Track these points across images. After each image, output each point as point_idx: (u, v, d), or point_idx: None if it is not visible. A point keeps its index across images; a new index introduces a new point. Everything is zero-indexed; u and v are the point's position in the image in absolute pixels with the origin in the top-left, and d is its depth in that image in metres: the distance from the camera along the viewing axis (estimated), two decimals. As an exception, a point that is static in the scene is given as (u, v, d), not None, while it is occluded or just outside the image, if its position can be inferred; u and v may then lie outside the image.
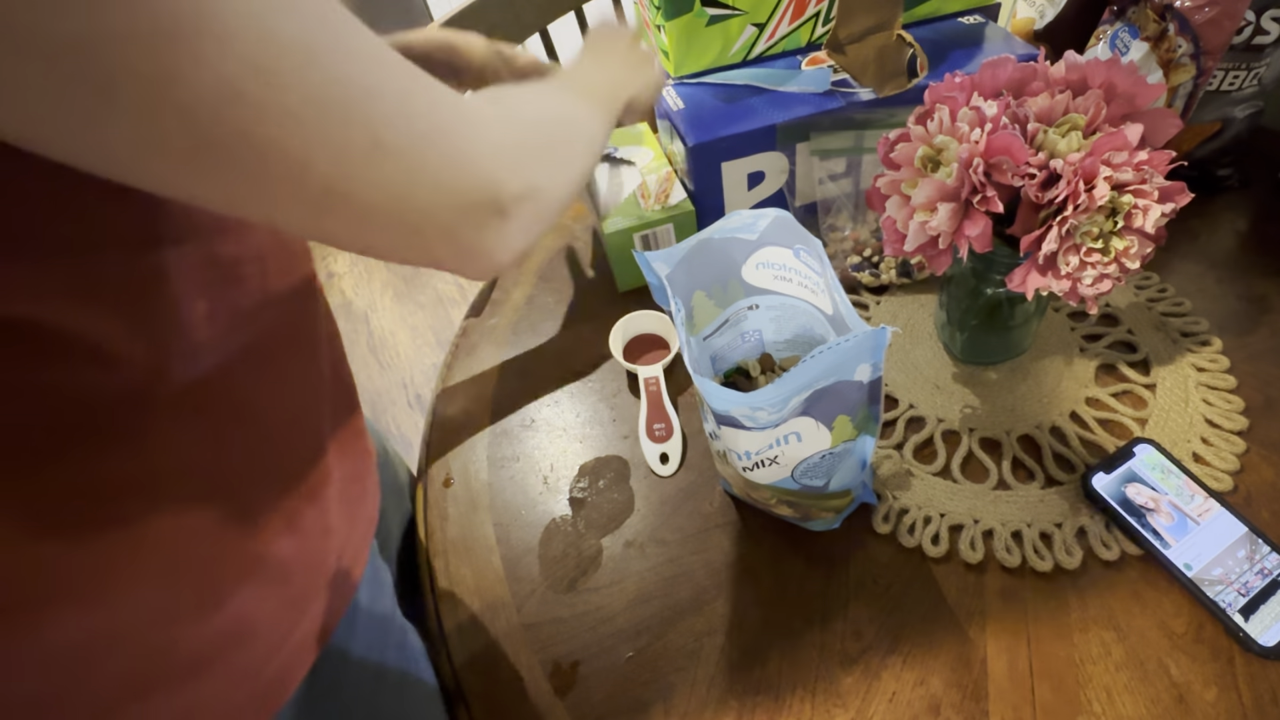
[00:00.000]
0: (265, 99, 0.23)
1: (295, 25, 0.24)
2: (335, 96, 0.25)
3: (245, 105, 0.23)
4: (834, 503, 0.52)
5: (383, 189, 0.27)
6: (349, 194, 0.26)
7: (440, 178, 0.29)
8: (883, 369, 0.42)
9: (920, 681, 0.47)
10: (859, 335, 0.39)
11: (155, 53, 0.21)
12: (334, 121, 0.25)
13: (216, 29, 0.22)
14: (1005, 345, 0.63)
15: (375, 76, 0.26)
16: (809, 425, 0.43)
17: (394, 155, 0.27)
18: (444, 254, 0.31)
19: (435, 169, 0.28)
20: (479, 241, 0.31)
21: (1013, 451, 0.58)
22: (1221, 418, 0.58)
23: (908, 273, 0.71)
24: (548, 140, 0.36)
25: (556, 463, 0.63)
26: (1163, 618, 0.48)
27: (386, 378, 1.74)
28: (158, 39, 0.21)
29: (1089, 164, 0.44)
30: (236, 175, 0.24)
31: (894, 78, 0.69)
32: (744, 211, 0.50)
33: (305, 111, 0.24)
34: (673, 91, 0.74)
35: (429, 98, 0.28)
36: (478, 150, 0.30)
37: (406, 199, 0.28)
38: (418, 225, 0.29)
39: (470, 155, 0.30)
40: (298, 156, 0.25)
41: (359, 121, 0.26)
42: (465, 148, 0.29)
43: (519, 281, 0.80)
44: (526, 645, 0.52)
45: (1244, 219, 0.74)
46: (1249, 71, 0.70)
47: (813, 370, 0.40)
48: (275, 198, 0.26)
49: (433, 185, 0.28)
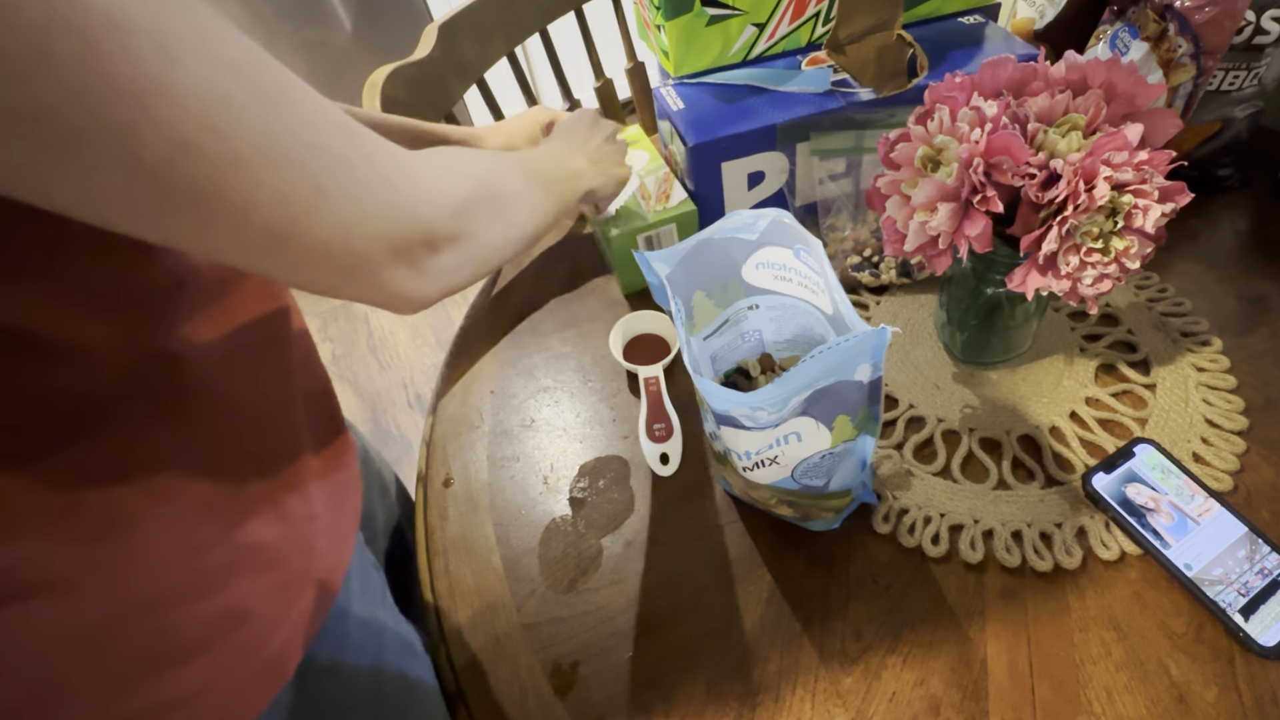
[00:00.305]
0: (218, 151, 0.25)
1: (245, 84, 0.26)
2: (281, 148, 0.27)
3: (198, 158, 0.25)
4: (834, 503, 0.52)
5: (324, 231, 0.29)
6: (290, 236, 0.29)
7: (378, 220, 0.31)
8: (883, 369, 0.42)
9: (920, 681, 0.47)
10: (859, 335, 0.39)
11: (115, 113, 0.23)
12: (280, 171, 0.27)
13: (174, 92, 0.24)
14: (1005, 345, 0.63)
15: (317, 129, 0.29)
16: (809, 425, 0.43)
17: (335, 200, 0.29)
18: (373, 291, 0.33)
19: (373, 213, 0.31)
20: (407, 281, 0.33)
21: (1013, 451, 0.58)
22: (1222, 418, 0.58)
23: (908, 273, 0.71)
24: (484, 194, 0.39)
25: (556, 463, 0.63)
26: (1163, 618, 0.48)
27: (386, 378, 1.74)
28: (117, 100, 0.23)
29: (1089, 164, 0.44)
30: (183, 219, 0.26)
31: (894, 78, 0.69)
32: (744, 211, 0.50)
33: (253, 162, 0.26)
34: (673, 91, 0.74)
35: (366, 148, 0.31)
36: (413, 194, 0.33)
37: (346, 240, 0.30)
38: (353, 265, 0.31)
39: (406, 199, 0.32)
40: (243, 202, 0.27)
41: (303, 170, 0.28)
42: (402, 192, 0.32)
43: (519, 282, 0.80)
44: (526, 645, 0.52)
45: (1244, 219, 0.74)
46: (1249, 71, 0.70)
47: (813, 370, 0.40)
48: (218, 239, 0.28)
49: (370, 227, 0.31)
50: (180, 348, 0.34)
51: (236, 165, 0.26)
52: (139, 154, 0.24)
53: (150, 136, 0.24)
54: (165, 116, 0.24)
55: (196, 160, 0.25)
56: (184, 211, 0.26)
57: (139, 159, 0.24)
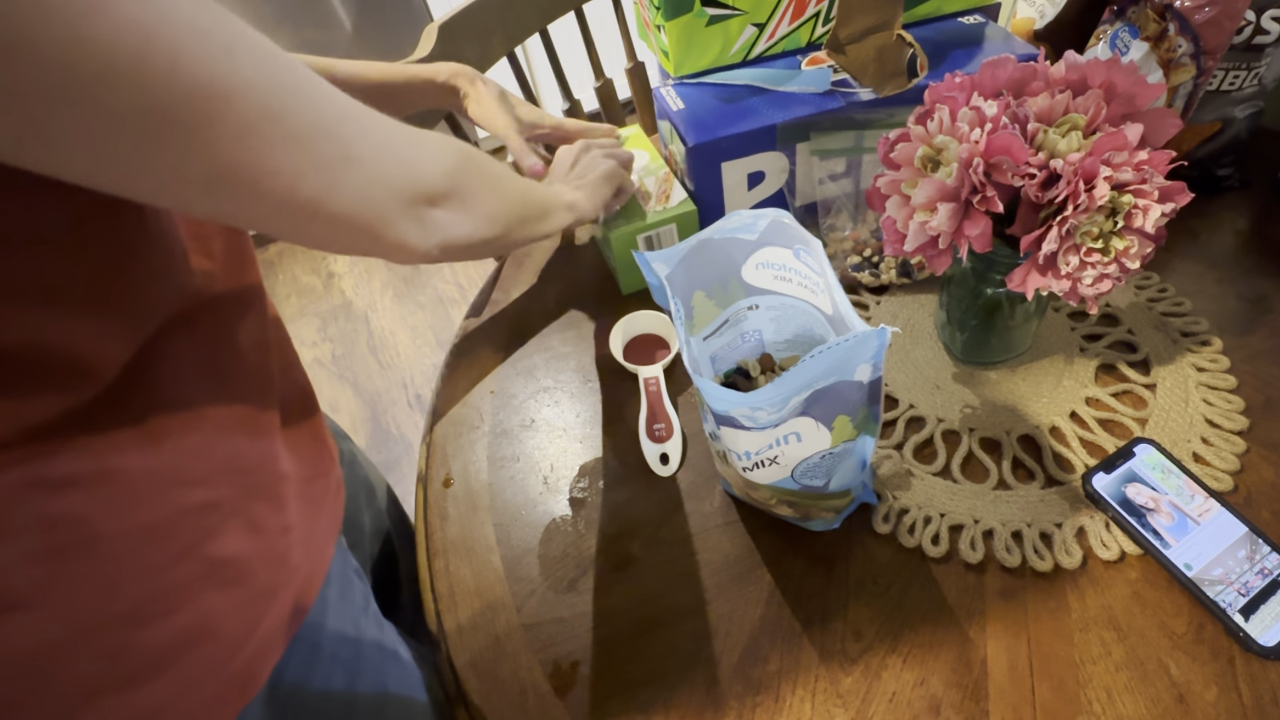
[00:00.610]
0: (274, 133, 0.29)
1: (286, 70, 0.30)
2: (322, 123, 0.31)
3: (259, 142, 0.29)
4: (834, 503, 0.52)
5: (352, 193, 0.33)
6: (327, 201, 0.32)
7: (392, 179, 0.35)
8: (883, 369, 0.42)
9: (920, 682, 0.47)
10: (858, 335, 0.39)
11: (199, 107, 0.26)
12: (320, 142, 0.31)
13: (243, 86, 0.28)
14: (1005, 345, 0.63)
15: (337, 103, 0.33)
16: (809, 425, 0.43)
17: (359, 164, 0.33)
18: (385, 245, 0.36)
19: (389, 172, 0.35)
20: (412, 233, 0.37)
21: (1013, 451, 0.58)
22: (1222, 417, 0.58)
23: (908, 273, 0.71)
24: (471, 164, 0.42)
25: (556, 463, 0.63)
26: (1163, 618, 0.48)
27: (386, 378, 1.74)
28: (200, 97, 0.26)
29: (1089, 164, 0.44)
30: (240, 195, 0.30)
31: (894, 78, 0.69)
32: (744, 211, 0.50)
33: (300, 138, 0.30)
34: (672, 92, 0.74)
35: (372, 116, 0.35)
36: (413, 155, 0.37)
37: (368, 199, 0.34)
38: (371, 221, 0.35)
39: (409, 158, 0.37)
40: (292, 174, 0.30)
41: (336, 140, 0.32)
42: (405, 152, 0.36)
43: (519, 282, 0.80)
44: (527, 645, 0.52)
45: (1244, 219, 0.74)
46: (1249, 71, 0.70)
47: (812, 370, 0.40)
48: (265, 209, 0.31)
49: (386, 185, 0.35)
50: (152, 357, 0.33)
51: (289, 142, 0.30)
52: (215, 144, 0.27)
53: (224, 129, 0.27)
54: (238, 108, 0.27)
55: (258, 143, 0.28)
56: (243, 189, 0.29)
57: (215, 148, 0.27)
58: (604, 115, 1.11)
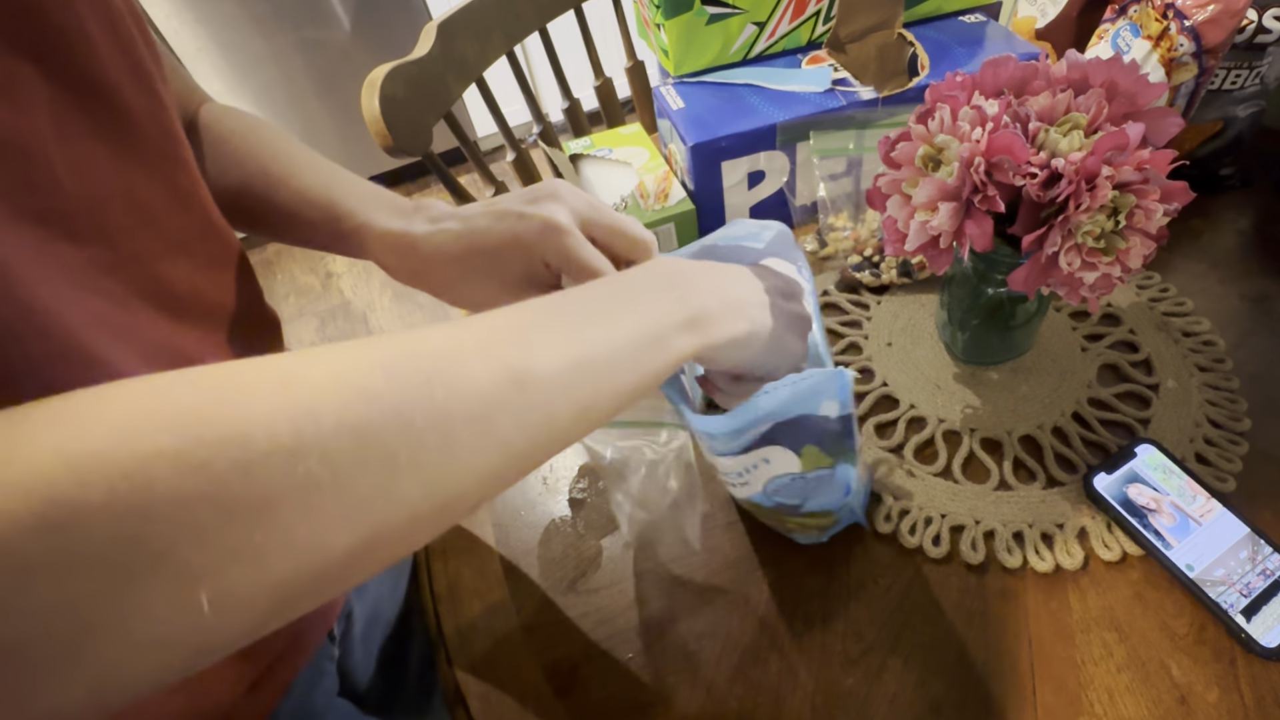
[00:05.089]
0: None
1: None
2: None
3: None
4: (814, 521, 0.51)
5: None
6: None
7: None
8: (852, 406, 0.40)
9: (921, 683, 0.47)
10: (815, 376, 0.38)
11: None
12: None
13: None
14: (1007, 345, 0.63)
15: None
16: (775, 451, 0.42)
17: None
18: None
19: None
20: None
21: (1014, 452, 0.58)
22: (1224, 418, 0.57)
23: (908, 272, 0.71)
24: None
25: (556, 463, 0.62)
26: (1164, 619, 0.48)
27: (386, 377, 1.74)
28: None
29: (1091, 163, 0.44)
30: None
31: (895, 76, 0.69)
32: (747, 220, 0.50)
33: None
34: (672, 90, 0.74)
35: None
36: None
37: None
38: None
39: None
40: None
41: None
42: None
43: (518, 281, 0.80)
44: (526, 647, 0.52)
45: (1246, 218, 0.74)
46: (1251, 70, 0.69)
47: (765, 406, 0.38)
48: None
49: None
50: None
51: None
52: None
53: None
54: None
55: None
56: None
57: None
58: (604, 114, 1.10)
